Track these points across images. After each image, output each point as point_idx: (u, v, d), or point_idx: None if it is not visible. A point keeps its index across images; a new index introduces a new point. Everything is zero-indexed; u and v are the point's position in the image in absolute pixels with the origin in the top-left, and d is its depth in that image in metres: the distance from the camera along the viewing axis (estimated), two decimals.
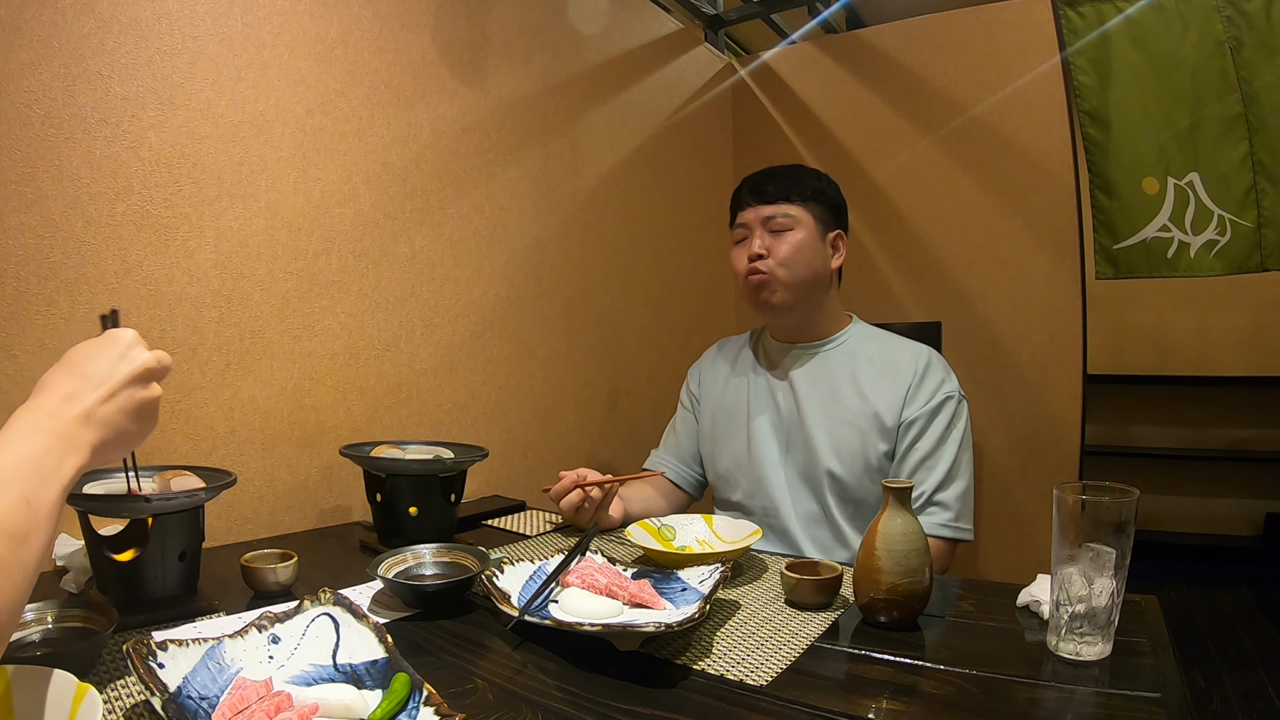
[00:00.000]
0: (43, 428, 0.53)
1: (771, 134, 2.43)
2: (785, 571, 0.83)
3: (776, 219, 1.22)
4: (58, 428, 0.53)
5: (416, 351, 1.46)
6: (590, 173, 1.91)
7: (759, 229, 1.23)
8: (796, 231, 1.21)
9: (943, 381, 1.20)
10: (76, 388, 0.56)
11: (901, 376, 1.20)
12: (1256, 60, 1.86)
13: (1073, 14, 1.99)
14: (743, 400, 1.31)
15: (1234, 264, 1.96)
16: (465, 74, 1.55)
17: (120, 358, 0.60)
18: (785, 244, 1.21)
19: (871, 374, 1.22)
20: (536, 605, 0.75)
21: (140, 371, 0.61)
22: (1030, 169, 2.04)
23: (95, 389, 0.57)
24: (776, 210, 1.22)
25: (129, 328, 0.64)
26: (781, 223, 1.22)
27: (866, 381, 1.21)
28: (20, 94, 0.94)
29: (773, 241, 1.22)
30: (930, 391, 1.18)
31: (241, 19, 1.17)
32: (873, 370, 1.22)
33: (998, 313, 2.10)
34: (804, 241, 1.21)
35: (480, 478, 1.53)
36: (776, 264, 1.21)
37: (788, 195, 1.22)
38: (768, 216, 1.22)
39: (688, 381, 1.45)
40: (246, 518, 1.18)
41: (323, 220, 1.29)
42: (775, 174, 1.25)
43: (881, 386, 1.20)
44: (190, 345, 1.12)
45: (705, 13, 2.44)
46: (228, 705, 0.54)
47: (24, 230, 0.95)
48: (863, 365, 1.23)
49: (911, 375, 1.19)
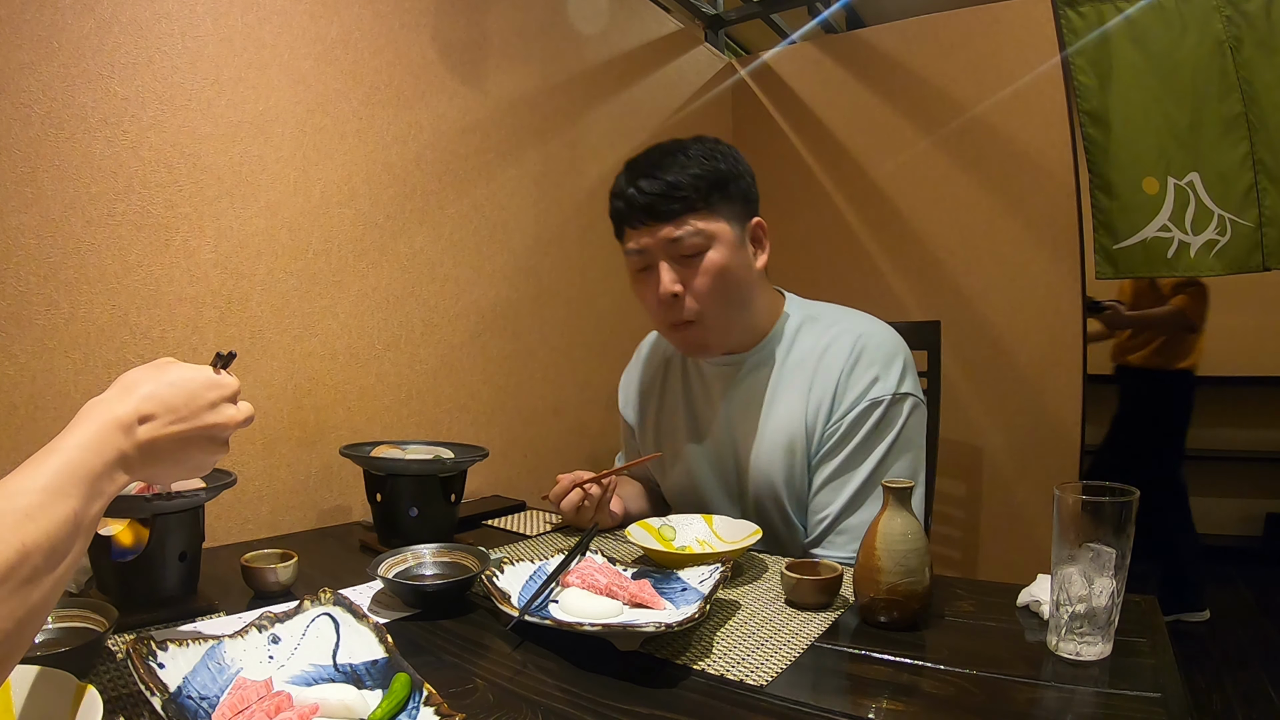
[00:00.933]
0: (113, 443, 0.52)
1: (771, 134, 2.43)
2: (785, 571, 0.83)
3: (684, 241, 0.96)
4: (124, 445, 0.53)
5: (416, 351, 1.46)
6: (590, 173, 1.90)
7: (663, 258, 0.97)
8: (714, 251, 0.97)
9: (875, 379, 0.99)
10: (157, 411, 0.56)
11: (829, 375, 1.01)
12: (1256, 60, 1.86)
13: (1073, 14, 2.00)
14: (681, 426, 1.16)
15: (1234, 264, 1.96)
16: (465, 74, 1.55)
17: (213, 407, 0.60)
18: (703, 275, 0.96)
19: (799, 379, 1.04)
20: (536, 605, 0.75)
21: (221, 426, 0.60)
22: (1030, 169, 2.04)
23: (173, 424, 0.57)
24: (681, 231, 0.95)
25: (236, 377, 0.64)
26: (690, 245, 0.96)
27: (792, 390, 1.04)
28: (20, 94, 0.94)
29: (685, 272, 0.97)
30: (859, 391, 0.99)
31: (241, 19, 1.17)
32: (801, 373, 1.04)
33: (998, 312, 2.10)
34: (725, 262, 0.97)
35: (480, 478, 1.53)
36: (699, 304, 0.98)
37: (691, 204, 0.95)
38: (672, 239, 0.96)
39: (620, 402, 1.28)
40: (246, 518, 1.18)
41: (323, 220, 1.29)
42: (666, 170, 0.97)
43: (808, 391, 1.02)
44: (190, 345, 1.12)
45: (705, 13, 2.44)
46: (228, 705, 0.54)
47: (24, 230, 0.95)
48: (789, 369, 1.05)
49: (839, 371, 1.00)
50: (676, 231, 0.96)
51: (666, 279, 0.97)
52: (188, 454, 0.59)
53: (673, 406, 1.18)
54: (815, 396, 1.01)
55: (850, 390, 0.99)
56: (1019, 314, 2.07)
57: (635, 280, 1.04)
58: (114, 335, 1.03)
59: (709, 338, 1.01)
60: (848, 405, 0.99)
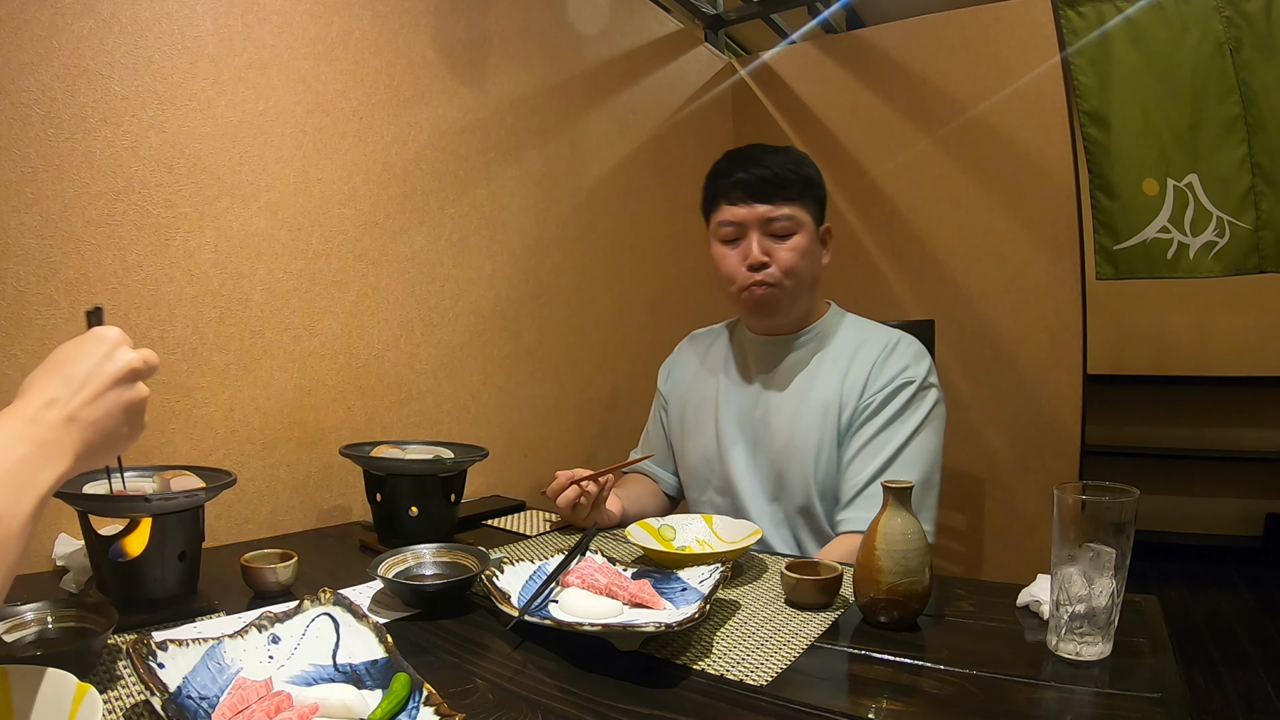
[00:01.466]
0: (23, 435, 0.50)
1: (771, 134, 2.43)
2: (785, 571, 0.83)
3: (778, 222, 1.13)
4: (39, 434, 0.51)
5: (416, 351, 1.46)
6: (590, 173, 1.90)
7: (756, 231, 1.13)
8: (800, 236, 1.13)
9: (906, 367, 1.13)
10: (58, 391, 0.54)
11: (865, 361, 1.14)
12: (1256, 61, 1.86)
13: (1073, 14, 2.00)
14: (711, 396, 1.26)
15: (1232, 265, 1.97)
16: (465, 74, 1.55)
17: (105, 358, 0.58)
18: (789, 250, 1.12)
19: (838, 361, 1.16)
20: (536, 605, 0.75)
21: (125, 372, 0.58)
22: (1030, 169, 2.04)
23: (78, 391, 0.55)
24: (778, 212, 1.12)
25: (114, 325, 0.61)
26: (784, 226, 1.13)
27: (832, 369, 1.16)
28: (20, 94, 0.94)
29: (773, 246, 1.13)
30: (891, 375, 1.12)
31: (241, 19, 1.17)
32: (840, 357, 1.16)
33: (998, 312, 2.10)
34: (807, 246, 1.14)
35: (480, 478, 1.53)
36: (782, 273, 1.12)
37: (787, 194, 1.13)
38: (768, 219, 1.13)
39: (659, 380, 1.41)
40: (246, 518, 1.18)
41: (323, 220, 1.29)
42: (770, 164, 1.13)
43: (845, 372, 1.14)
44: (190, 345, 1.12)
45: (705, 13, 2.44)
46: (228, 705, 0.54)
47: (24, 230, 0.95)
48: (831, 352, 1.17)
49: (874, 359, 1.13)
50: (774, 212, 1.13)
51: (756, 249, 1.13)
52: (110, 415, 0.57)
53: (708, 382, 1.29)
54: (851, 377, 1.14)
55: (883, 373, 1.13)
56: (1019, 314, 2.07)
57: (719, 248, 1.19)
58: None
59: (779, 301, 1.15)
60: (880, 384, 1.12)
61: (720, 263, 1.18)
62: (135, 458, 1.04)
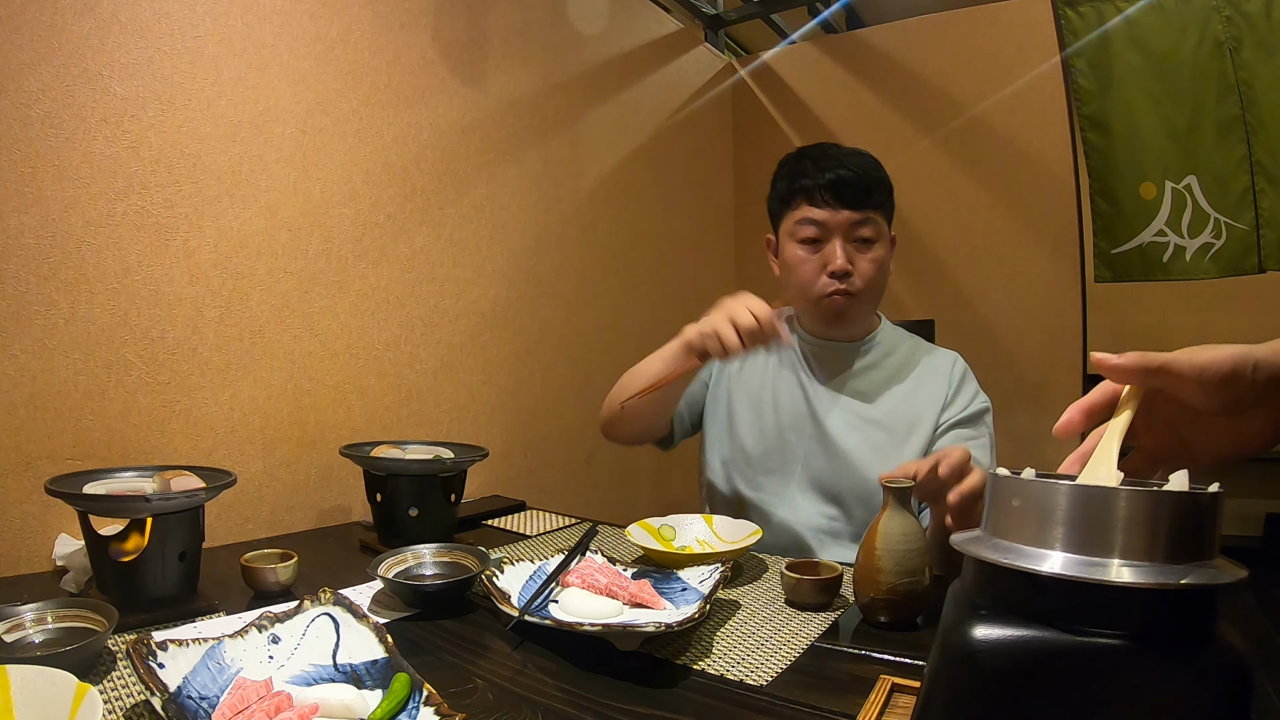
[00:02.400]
0: None
1: (771, 134, 2.43)
2: (785, 571, 0.83)
3: (863, 228, 1.08)
4: None
5: (416, 351, 1.46)
6: (590, 173, 1.91)
7: (839, 237, 1.08)
8: (880, 246, 1.10)
9: (977, 392, 1.15)
10: None
11: (938, 383, 1.14)
12: (1256, 61, 1.86)
13: (1073, 14, 2.00)
14: (764, 391, 1.20)
15: (1229, 266, 1.97)
16: (465, 74, 1.55)
17: None
18: (870, 261, 1.09)
19: (907, 379, 1.15)
20: (536, 605, 0.75)
21: None
22: (1030, 169, 2.04)
23: None
24: (864, 217, 1.08)
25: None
26: (866, 234, 1.08)
27: (901, 388, 1.14)
28: (20, 94, 0.94)
29: (855, 254, 1.08)
30: (968, 399, 1.14)
31: (241, 19, 1.17)
32: (908, 375, 1.15)
33: (998, 312, 2.10)
34: (884, 257, 1.11)
35: (480, 478, 1.53)
36: (862, 284, 1.09)
37: (873, 200, 1.08)
38: (854, 223, 1.08)
39: None
40: (246, 518, 1.18)
41: (323, 220, 1.29)
42: (855, 166, 1.08)
43: (917, 393, 1.13)
44: (190, 345, 1.12)
45: (705, 13, 2.44)
46: (228, 705, 0.54)
47: (24, 230, 0.95)
48: (897, 370, 1.16)
49: (948, 383, 1.14)
50: (858, 218, 1.08)
51: (840, 257, 1.07)
52: None
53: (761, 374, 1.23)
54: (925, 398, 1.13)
55: (963, 394, 1.14)
56: (1019, 314, 2.07)
57: (795, 249, 1.12)
58: (114, 335, 1.03)
59: (855, 311, 1.12)
60: (963, 404, 1.13)
61: (798, 266, 1.12)
62: (135, 458, 1.04)
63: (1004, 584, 0.41)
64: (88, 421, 1.01)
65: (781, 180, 1.16)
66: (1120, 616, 0.39)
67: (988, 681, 0.40)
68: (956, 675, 0.42)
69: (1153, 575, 0.38)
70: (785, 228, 1.15)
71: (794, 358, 1.21)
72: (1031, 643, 0.40)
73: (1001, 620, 0.41)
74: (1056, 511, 0.40)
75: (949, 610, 0.44)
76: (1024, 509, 0.42)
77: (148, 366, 1.07)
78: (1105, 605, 0.39)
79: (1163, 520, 0.40)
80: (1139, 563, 0.39)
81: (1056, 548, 0.40)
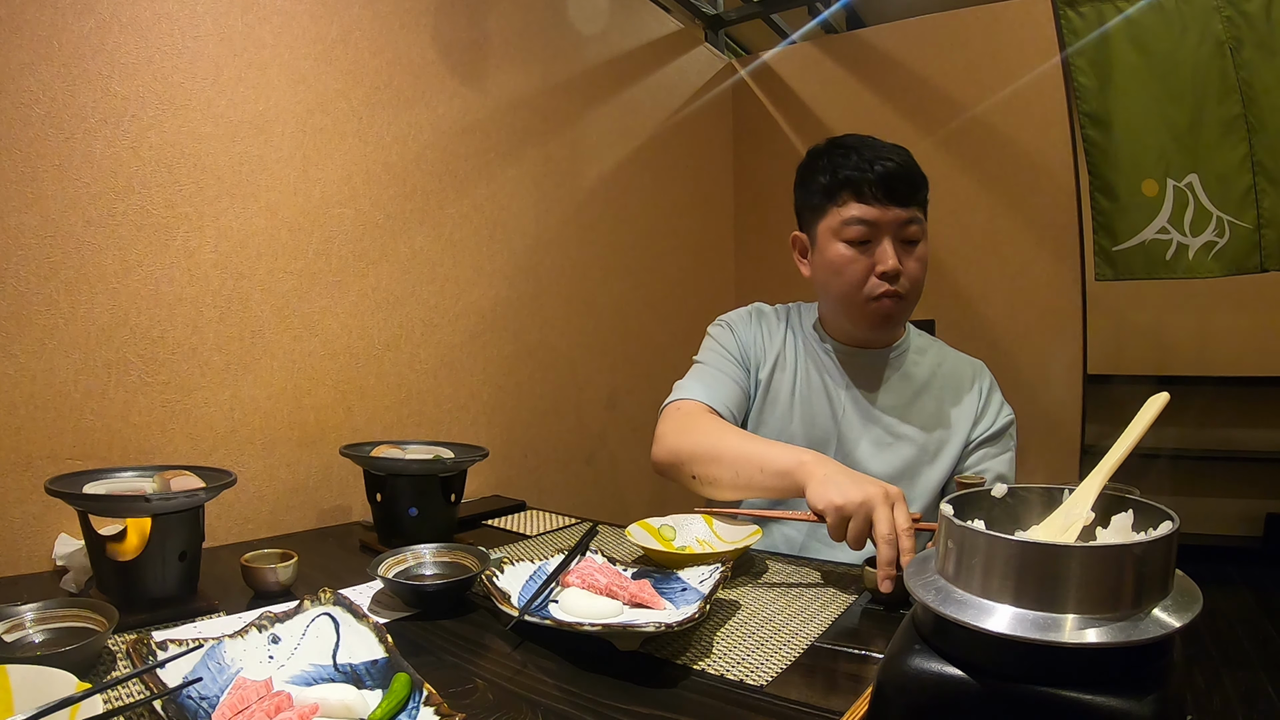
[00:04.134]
0: None
1: (771, 134, 2.43)
2: (868, 569, 0.83)
3: (911, 228, 1.01)
4: None
5: (416, 351, 1.46)
6: (590, 173, 1.91)
7: (889, 237, 1.01)
8: (924, 244, 1.04)
9: (1003, 405, 1.12)
10: None
11: (969, 398, 1.11)
12: (1256, 61, 1.86)
13: (1073, 14, 2.00)
14: (788, 391, 1.14)
15: (1232, 265, 1.97)
16: (465, 74, 1.55)
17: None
18: (917, 261, 1.03)
19: (936, 391, 1.11)
20: (536, 605, 0.75)
21: None
22: (1030, 169, 2.04)
23: None
24: (912, 216, 1.01)
25: None
26: (914, 232, 1.02)
27: (931, 401, 1.11)
28: (20, 94, 0.94)
29: (903, 254, 1.02)
30: (995, 413, 1.11)
31: (241, 19, 1.17)
32: (936, 387, 1.12)
33: (998, 312, 2.10)
34: (927, 257, 1.05)
35: (480, 478, 1.53)
36: (910, 285, 1.02)
37: (922, 197, 1.03)
38: (903, 222, 1.01)
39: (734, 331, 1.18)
40: (246, 518, 1.18)
41: (323, 220, 1.29)
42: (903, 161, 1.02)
43: (948, 407, 1.10)
44: (190, 345, 1.12)
45: (705, 13, 2.44)
46: (228, 705, 0.54)
47: (24, 230, 0.95)
48: (926, 381, 1.12)
49: (979, 397, 1.11)
50: (907, 216, 1.01)
51: (891, 258, 1.00)
52: None
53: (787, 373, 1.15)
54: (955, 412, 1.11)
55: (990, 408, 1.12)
56: (1019, 314, 2.07)
57: (842, 249, 1.03)
58: (114, 335, 1.03)
59: (902, 312, 1.06)
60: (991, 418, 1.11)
61: (845, 266, 1.03)
62: (135, 458, 1.04)
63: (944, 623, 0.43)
64: (88, 421, 1.01)
65: (821, 173, 1.06)
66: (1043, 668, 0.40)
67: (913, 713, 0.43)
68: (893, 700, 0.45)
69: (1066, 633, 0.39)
70: (828, 225, 1.05)
71: (824, 366, 1.14)
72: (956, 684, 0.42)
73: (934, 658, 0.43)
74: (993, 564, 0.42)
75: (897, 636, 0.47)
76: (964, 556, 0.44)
77: (148, 366, 1.07)
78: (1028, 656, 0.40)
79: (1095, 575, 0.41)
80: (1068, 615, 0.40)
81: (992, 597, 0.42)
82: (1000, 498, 0.53)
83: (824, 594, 0.87)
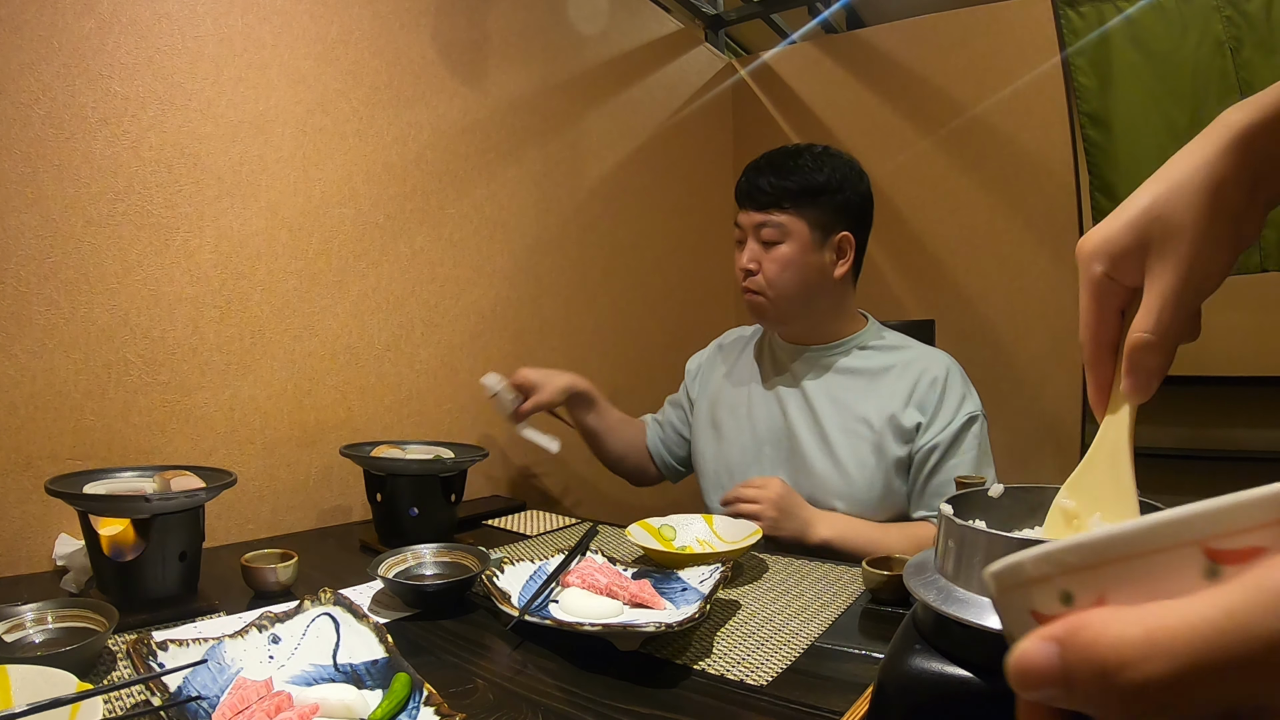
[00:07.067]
0: None
1: (772, 134, 2.43)
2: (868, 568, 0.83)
3: (765, 228, 1.14)
4: None
5: (416, 351, 1.46)
6: (590, 173, 1.90)
7: (750, 236, 1.16)
8: (785, 245, 1.13)
9: (964, 398, 1.12)
10: None
11: (920, 391, 1.11)
12: (1256, 60, 1.86)
13: (1073, 14, 2.00)
14: (743, 403, 1.25)
15: None
16: (465, 74, 1.55)
17: None
18: (772, 260, 1.13)
19: (886, 384, 1.13)
20: (536, 605, 0.75)
21: None
22: (1030, 169, 2.04)
23: None
24: (766, 219, 1.14)
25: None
26: (769, 234, 1.13)
27: (880, 393, 1.13)
28: (20, 94, 0.94)
29: (762, 254, 1.14)
30: (952, 412, 1.10)
31: (241, 19, 1.17)
32: (888, 380, 1.14)
33: (998, 312, 2.10)
34: (791, 257, 1.13)
35: (480, 478, 1.53)
36: (765, 283, 1.14)
37: (779, 201, 1.13)
38: (758, 224, 1.14)
39: (685, 375, 1.41)
40: (246, 518, 1.18)
41: (323, 220, 1.29)
42: (771, 170, 1.14)
43: (897, 400, 1.11)
44: (190, 345, 1.12)
45: (705, 13, 2.44)
46: (228, 705, 0.54)
47: (24, 230, 0.95)
48: (876, 374, 1.15)
49: (932, 392, 1.11)
50: (762, 219, 1.14)
51: (745, 256, 1.16)
52: None
53: (740, 387, 1.28)
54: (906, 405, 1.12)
55: (946, 406, 1.11)
56: (1019, 314, 2.07)
57: (736, 250, 1.20)
58: (114, 335, 1.03)
59: (767, 310, 1.17)
60: (946, 419, 1.11)
61: (736, 266, 1.21)
62: (135, 458, 1.04)
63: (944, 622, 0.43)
64: (88, 421, 1.01)
65: None
66: None
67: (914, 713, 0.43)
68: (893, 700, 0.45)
69: None
70: None
71: (765, 368, 1.25)
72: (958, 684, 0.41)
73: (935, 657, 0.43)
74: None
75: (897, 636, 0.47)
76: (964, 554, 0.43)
77: (148, 366, 1.07)
78: None
79: None
80: None
81: None
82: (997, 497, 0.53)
83: (824, 594, 0.87)
